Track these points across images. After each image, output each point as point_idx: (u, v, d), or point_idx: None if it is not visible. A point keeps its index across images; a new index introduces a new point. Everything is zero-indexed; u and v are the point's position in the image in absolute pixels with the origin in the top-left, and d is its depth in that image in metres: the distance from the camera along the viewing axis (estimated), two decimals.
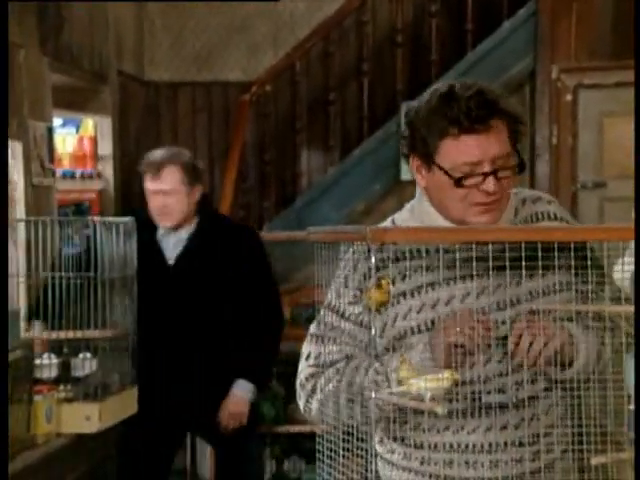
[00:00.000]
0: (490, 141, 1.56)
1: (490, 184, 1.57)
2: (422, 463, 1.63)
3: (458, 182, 1.58)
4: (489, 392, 1.59)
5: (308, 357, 1.67)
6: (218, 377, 3.20)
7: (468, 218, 1.61)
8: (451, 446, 1.61)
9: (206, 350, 3.18)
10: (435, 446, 1.62)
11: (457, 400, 1.56)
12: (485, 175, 1.57)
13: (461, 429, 1.61)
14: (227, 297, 3.16)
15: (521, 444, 1.60)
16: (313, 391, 1.65)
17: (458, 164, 1.58)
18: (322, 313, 1.66)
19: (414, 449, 1.63)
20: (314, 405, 1.64)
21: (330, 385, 1.62)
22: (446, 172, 1.58)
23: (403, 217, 1.71)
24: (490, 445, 1.60)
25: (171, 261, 3.21)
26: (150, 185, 3.19)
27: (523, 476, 1.60)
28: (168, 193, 3.13)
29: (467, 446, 1.61)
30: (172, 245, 3.24)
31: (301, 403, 1.67)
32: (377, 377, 1.56)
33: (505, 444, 1.60)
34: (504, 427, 1.60)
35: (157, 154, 3.18)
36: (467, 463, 1.61)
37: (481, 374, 1.59)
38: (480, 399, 1.59)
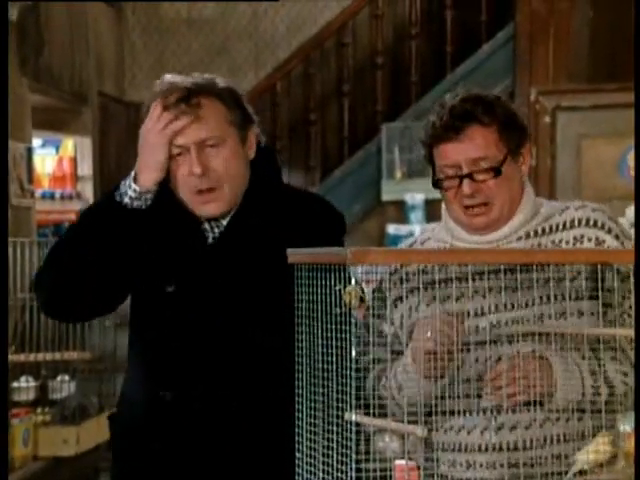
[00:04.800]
0: (464, 147, 1.66)
1: (465, 186, 1.66)
2: (427, 460, 1.68)
3: (436, 184, 1.70)
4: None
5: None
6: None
7: (463, 220, 1.70)
8: (454, 446, 1.66)
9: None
10: (443, 445, 1.67)
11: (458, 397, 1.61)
12: (461, 178, 1.66)
13: (462, 428, 1.65)
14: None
15: (515, 447, 1.63)
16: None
17: (441, 169, 1.69)
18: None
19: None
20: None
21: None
22: (434, 176, 1.71)
23: (441, 228, 1.81)
24: (486, 446, 1.63)
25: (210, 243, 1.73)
26: (180, 140, 1.65)
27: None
28: (213, 146, 1.66)
29: (466, 446, 1.65)
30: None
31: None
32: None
33: (500, 446, 1.63)
34: (498, 429, 1.63)
35: (176, 81, 1.69)
36: (468, 463, 1.65)
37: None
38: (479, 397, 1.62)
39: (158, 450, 1.71)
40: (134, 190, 1.67)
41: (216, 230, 1.72)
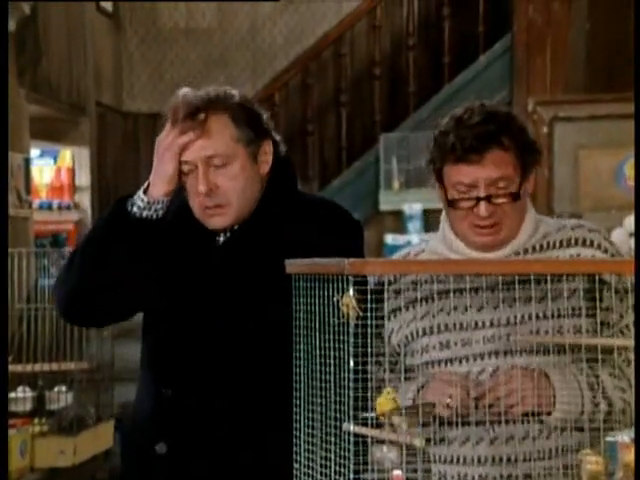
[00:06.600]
0: (484, 170, 1.62)
1: (482, 209, 1.62)
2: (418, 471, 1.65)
3: (451, 203, 1.65)
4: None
5: None
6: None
7: (471, 238, 1.67)
8: (446, 458, 1.66)
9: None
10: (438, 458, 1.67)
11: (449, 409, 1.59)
12: (478, 200, 1.62)
13: (454, 440, 1.64)
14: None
15: (509, 460, 1.62)
16: None
17: (455, 187, 1.64)
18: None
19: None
20: None
21: None
22: (445, 192, 1.66)
23: (436, 239, 1.77)
24: (479, 459, 1.62)
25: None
26: (188, 156, 1.68)
27: None
28: (220, 165, 1.68)
29: (458, 458, 1.65)
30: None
31: None
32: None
33: (493, 459, 1.63)
34: (492, 441, 1.62)
35: (188, 96, 1.71)
36: (459, 476, 1.64)
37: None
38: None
39: (160, 451, 1.73)
40: (142, 200, 1.71)
41: (228, 234, 1.75)
